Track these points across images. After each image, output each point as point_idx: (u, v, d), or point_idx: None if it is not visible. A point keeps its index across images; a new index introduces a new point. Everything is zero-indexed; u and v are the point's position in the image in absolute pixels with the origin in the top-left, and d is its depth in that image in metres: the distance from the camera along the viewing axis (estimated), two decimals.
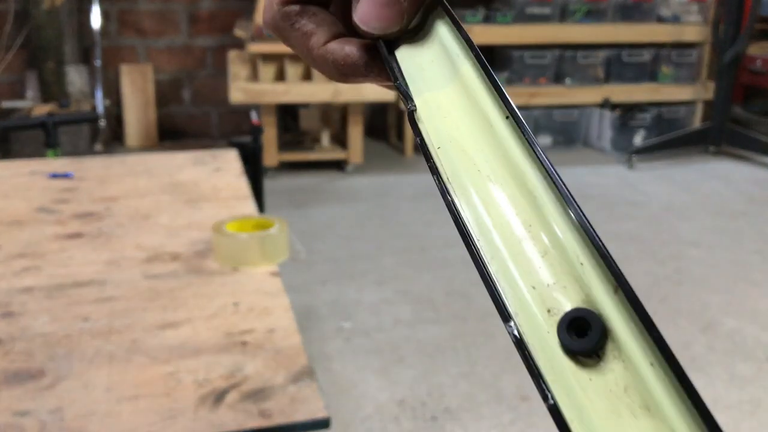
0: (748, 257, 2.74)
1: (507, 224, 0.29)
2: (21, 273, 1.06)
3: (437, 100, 0.34)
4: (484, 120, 0.32)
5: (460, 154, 0.31)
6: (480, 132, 0.31)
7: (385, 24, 0.34)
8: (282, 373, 0.80)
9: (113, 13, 4.05)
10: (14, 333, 0.89)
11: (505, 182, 0.29)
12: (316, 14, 0.36)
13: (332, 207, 3.25)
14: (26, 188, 1.45)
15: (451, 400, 1.82)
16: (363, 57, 0.35)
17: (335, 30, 0.36)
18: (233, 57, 3.56)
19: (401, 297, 2.36)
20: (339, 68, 0.35)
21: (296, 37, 0.36)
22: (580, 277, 0.26)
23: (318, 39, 0.35)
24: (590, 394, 0.25)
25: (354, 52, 0.35)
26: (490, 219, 0.29)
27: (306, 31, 0.36)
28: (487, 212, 0.30)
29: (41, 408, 0.74)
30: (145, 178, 1.51)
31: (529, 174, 0.29)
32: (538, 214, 0.28)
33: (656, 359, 0.23)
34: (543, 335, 0.27)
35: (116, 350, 0.85)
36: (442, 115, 0.33)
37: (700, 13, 4.25)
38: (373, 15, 0.33)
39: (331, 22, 0.36)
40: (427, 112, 0.33)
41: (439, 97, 0.34)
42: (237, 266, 1.07)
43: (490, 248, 0.29)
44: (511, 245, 0.28)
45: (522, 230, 0.28)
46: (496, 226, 0.29)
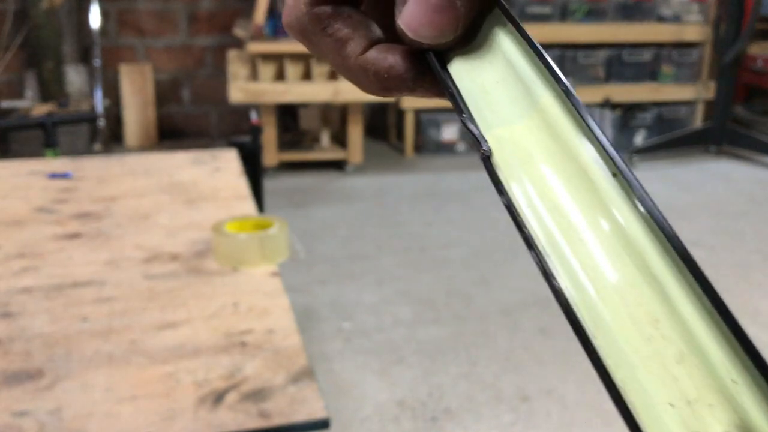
0: (749, 257, 2.74)
1: (630, 320, 0.23)
2: (20, 273, 1.05)
3: (513, 139, 0.27)
4: (582, 175, 0.25)
5: (556, 216, 0.25)
6: (578, 189, 0.25)
7: (437, 32, 0.28)
8: (282, 373, 0.80)
9: (112, 13, 4.05)
10: (13, 333, 0.89)
11: (622, 263, 0.23)
12: (351, 17, 0.31)
13: (332, 207, 3.25)
14: (25, 188, 1.45)
15: (451, 401, 1.81)
16: (410, 69, 0.30)
17: (374, 35, 0.31)
18: (233, 57, 3.56)
19: (401, 297, 2.36)
20: (381, 81, 0.30)
21: (328, 44, 0.31)
22: (732, 396, 0.21)
23: (355, 47, 0.30)
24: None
25: (399, 63, 0.30)
26: (609, 313, 0.23)
27: (340, 37, 0.30)
28: (603, 302, 0.23)
29: (40, 408, 0.74)
30: (145, 178, 1.51)
31: (654, 259, 0.23)
32: (669, 310, 0.22)
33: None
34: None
35: (115, 350, 0.85)
36: (523, 159, 0.27)
37: (701, 13, 4.25)
38: (423, 21, 0.28)
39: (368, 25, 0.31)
40: (502, 154, 0.27)
41: (515, 134, 0.28)
42: (236, 266, 1.06)
43: (614, 351, 0.23)
44: (638, 348, 0.22)
45: (650, 329, 0.22)
46: (616, 322, 0.23)
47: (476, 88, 0.29)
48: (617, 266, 0.23)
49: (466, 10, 0.28)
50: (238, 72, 3.54)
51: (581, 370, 1.93)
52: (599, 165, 0.25)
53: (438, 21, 0.28)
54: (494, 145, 0.28)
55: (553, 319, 2.20)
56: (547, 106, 0.27)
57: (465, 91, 0.29)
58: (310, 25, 0.31)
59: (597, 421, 1.74)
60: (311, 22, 0.31)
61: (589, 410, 1.78)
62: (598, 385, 0.94)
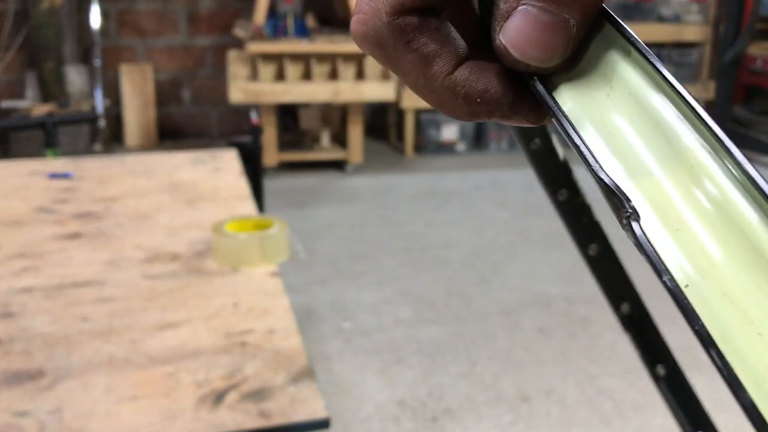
0: None
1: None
2: (20, 273, 1.06)
3: (653, 196, 0.23)
4: (748, 246, 0.21)
5: (723, 300, 0.21)
6: (745, 266, 0.21)
7: (548, 54, 0.25)
8: (282, 373, 0.80)
9: (113, 13, 4.05)
10: (13, 333, 0.89)
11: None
12: (439, 29, 0.26)
13: (332, 207, 3.25)
14: (26, 188, 1.45)
15: (451, 401, 1.81)
16: (508, 92, 0.26)
17: (463, 52, 0.27)
18: (233, 57, 3.56)
19: (401, 297, 2.36)
20: (472, 105, 0.27)
21: (411, 61, 0.26)
22: None
23: (443, 65, 0.26)
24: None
25: (495, 86, 0.26)
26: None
27: (427, 53, 0.26)
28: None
29: (40, 408, 0.74)
30: (145, 178, 1.51)
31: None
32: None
33: None
34: None
35: (116, 350, 0.85)
36: (669, 223, 0.22)
37: (701, 13, 4.25)
38: (532, 40, 0.25)
39: (456, 40, 0.27)
40: (646, 216, 0.22)
41: (654, 189, 0.23)
42: (237, 266, 1.06)
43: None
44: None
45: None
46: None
47: (595, 127, 0.24)
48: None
49: (579, 29, 0.25)
50: (238, 72, 3.54)
51: (581, 370, 1.93)
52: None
53: (549, 41, 0.25)
54: (638, 204, 0.22)
55: (553, 319, 2.21)
56: (697, 161, 0.22)
57: (583, 130, 0.24)
58: (391, 37, 0.26)
59: (597, 421, 1.74)
60: (393, 34, 0.26)
61: (589, 410, 1.78)
62: (598, 385, 0.95)
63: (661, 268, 0.21)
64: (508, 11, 0.25)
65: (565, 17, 0.24)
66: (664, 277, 0.21)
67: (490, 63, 0.27)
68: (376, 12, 0.26)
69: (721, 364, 0.20)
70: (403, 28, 0.26)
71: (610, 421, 1.74)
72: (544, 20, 0.24)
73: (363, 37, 0.27)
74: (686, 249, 0.21)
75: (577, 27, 0.25)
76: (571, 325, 2.17)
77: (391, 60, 0.27)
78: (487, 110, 0.27)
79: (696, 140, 0.22)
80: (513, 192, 3.45)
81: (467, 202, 3.31)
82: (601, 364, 1.95)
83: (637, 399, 1.81)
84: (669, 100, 0.23)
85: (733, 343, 0.20)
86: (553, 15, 0.24)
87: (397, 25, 0.26)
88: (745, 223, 0.21)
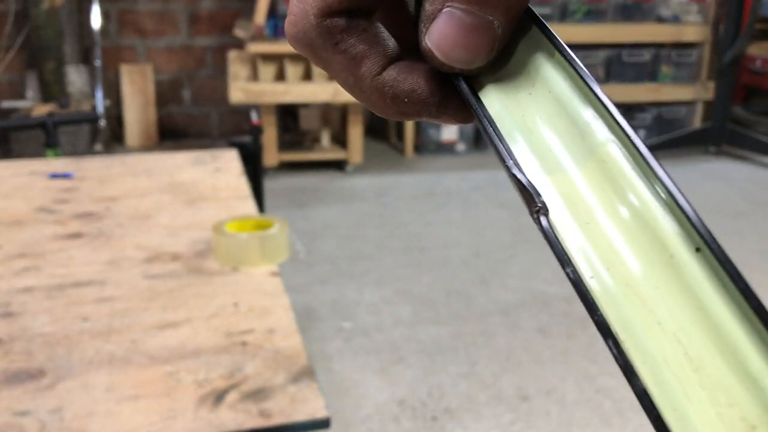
0: (749, 257, 2.74)
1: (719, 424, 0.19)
2: (21, 273, 1.06)
3: (566, 191, 0.23)
4: (654, 241, 0.22)
5: (625, 291, 0.21)
6: (649, 259, 0.21)
7: (472, 55, 0.25)
8: (282, 373, 0.80)
9: (113, 13, 4.05)
10: (14, 333, 0.89)
11: (706, 350, 0.20)
12: (367, 30, 0.27)
13: (332, 207, 3.25)
14: (26, 188, 1.45)
15: (451, 401, 1.82)
16: (435, 92, 0.27)
17: (392, 53, 0.27)
18: (233, 57, 3.56)
19: (401, 297, 2.36)
20: (400, 106, 0.27)
21: (340, 62, 0.27)
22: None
23: (371, 66, 0.27)
24: None
25: (422, 87, 0.27)
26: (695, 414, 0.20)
27: (355, 54, 0.26)
28: (687, 397, 0.20)
29: (41, 408, 0.74)
30: (145, 178, 1.51)
31: (749, 354, 0.19)
32: (765, 411, 0.19)
33: None
34: None
35: (116, 350, 0.85)
36: (579, 217, 0.23)
37: (700, 13, 4.25)
38: (456, 42, 0.25)
39: (385, 41, 0.27)
40: (559, 211, 0.23)
41: (566, 185, 0.23)
42: (237, 266, 1.06)
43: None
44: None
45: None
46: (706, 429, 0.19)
47: (517, 125, 0.25)
48: (705, 361, 0.20)
49: (504, 31, 0.25)
50: (238, 72, 3.54)
51: (581, 370, 1.93)
52: (676, 233, 0.21)
53: (473, 43, 0.25)
54: (548, 199, 0.23)
55: (552, 319, 2.21)
56: (608, 156, 0.23)
57: (503, 128, 0.25)
58: (319, 39, 0.26)
59: (596, 421, 1.74)
60: (321, 36, 0.26)
61: (589, 410, 1.78)
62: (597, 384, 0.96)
63: (564, 261, 0.22)
64: (433, 13, 0.25)
65: (489, 19, 0.24)
66: (566, 269, 0.22)
67: (420, 63, 0.27)
68: (305, 14, 0.26)
69: (616, 352, 0.21)
70: (330, 29, 0.26)
71: (609, 420, 1.74)
72: (469, 22, 0.24)
73: (293, 38, 0.27)
74: (594, 242, 0.22)
75: (502, 29, 0.25)
76: (571, 324, 2.17)
77: (322, 60, 0.27)
78: (415, 110, 0.27)
79: (608, 137, 0.23)
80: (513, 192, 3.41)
81: (467, 202, 3.32)
82: (601, 363, 1.96)
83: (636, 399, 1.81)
84: (586, 99, 0.24)
85: (633, 333, 0.21)
86: (478, 17, 0.24)
87: (325, 26, 0.26)
88: (651, 217, 0.22)
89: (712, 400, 0.19)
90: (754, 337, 0.19)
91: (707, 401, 0.19)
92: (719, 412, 0.19)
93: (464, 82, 0.26)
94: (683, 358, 0.20)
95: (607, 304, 0.21)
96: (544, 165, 0.24)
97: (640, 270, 0.21)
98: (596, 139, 0.23)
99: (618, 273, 0.22)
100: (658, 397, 0.20)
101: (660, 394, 0.20)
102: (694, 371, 0.20)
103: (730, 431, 0.19)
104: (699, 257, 0.21)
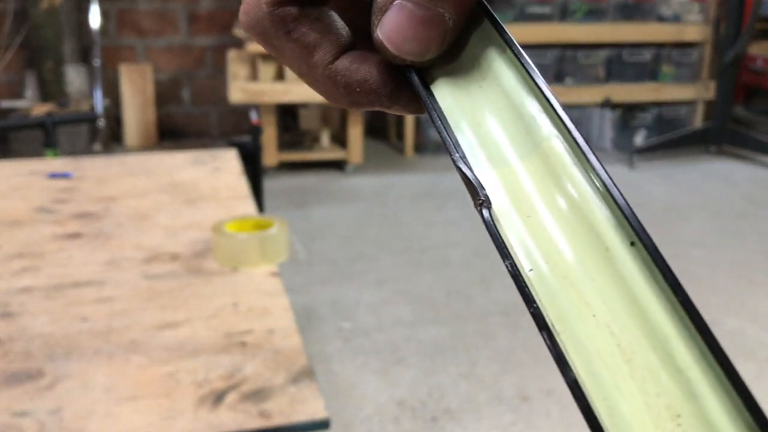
0: (750, 257, 2.74)
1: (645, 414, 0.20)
2: (20, 273, 1.05)
3: (510, 184, 0.24)
4: (592, 234, 0.22)
5: (563, 283, 0.22)
6: (587, 252, 0.22)
7: (423, 48, 0.25)
8: (282, 373, 0.80)
9: (112, 13, 4.05)
10: (13, 333, 0.88)
11: (637, 342, 0.21)
12: (319, 19, 0.27)
13: (332, 207, 3.25)
14: (25, 188, 1.45)
15: (451, 401, 1.81)
16: (386, 82, 0.27)
17: (345, 42, 0.27)
18: (233, 56, 3.56)
19: (401, 297, 2.36)
20: (352, 95, 0.27)
21: (293, 50, 0.27)
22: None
23: (323, 55, 0.27)
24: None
25: (374, 77, 0.27)
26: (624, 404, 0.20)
27: (307, 43, 0.27)
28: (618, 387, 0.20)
29: (40, 408, 0.74)
30: (145, 178, 1.51)
31: (677, 345, 0.20)
32: (689, 401, 0.20)
33: None
34: None
35: (115, 350, 0.85)
36: (522, 210, 0.23)
37: (701, 13, 4.25)
38: (407, 34, 0.24)
39: (338, 30, 0.27)
40: (498, 202, 0.24)
41: (511, 178, 0.24)
42: (236, 266, 1.06)
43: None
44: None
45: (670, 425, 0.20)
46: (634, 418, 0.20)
47: (466, 118, 0.25)
48: (636, 353, 0.21)
49: (455, 24, 0.25)
50: (238, 72, 3.54)
51: None
52: (612, 228, 0.22)
53: (424, 35, 0.25)
54: (492, 192, 0.24)
55: None
56: (551, 150, 0.23)
57: (453, 122, 0.25)
58: (272, 27, 0.26)
59: None
60: (274, 24, 0.26)
61: None
62: None
63: (503, 253, 0.23)
64: (385, 5, 0.25)
65: (440, 12, 0.24)
66: (506, 262, 0.23)
67: (374, 53, 0.26)
68: (257, 2, 0.26)
69: (549, 343, 0.21)
70: (282, 18, 0.26)
71: None
72: (420, 15, 0.24)
73: (247, 26, 0.27)
74: (535, 235, 0.23)
75: (453, 22, 0.25)
76: None
77: (275, 49, 0.27)
78: (368, 100, 0.27)
79: (552, 132, 0.24)
80: None
81: (467, 202, 3.30)
82: None
83: None
84: (532, 94, 0.24)
85: (569, 324, 0.21)
86: (428, 10, 0.24)
87: (277, 15, 0.26)
88: (589, 211, 0.22)
89: (641, 389, 0.20)
90: (682, 330, 0.20)
91: (636, 391, 0.20)
92: (647, 401, 0.20)
93: (415, 74, 0.26)
94: (616, 349, 0.21)
95: (544, 296, 0.22)
96: (490, 158, 0.24)
97: (578, 263, 0.22)
98: (541, 133, 0.24)
99: (556, 266, 0.22)
100: (590, 386, 0.20)
101: (591, 384, 0.20)
102: (625, 362, 0.20)
103: (657, 419, 0.20)
104: (633, 251, 0.21)
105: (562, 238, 0.22)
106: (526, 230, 0.23)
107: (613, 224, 0.22)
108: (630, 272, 0.21)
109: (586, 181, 0.23)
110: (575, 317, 0.21)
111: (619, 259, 0.21)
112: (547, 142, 0.24)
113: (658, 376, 0.20)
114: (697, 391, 0.20)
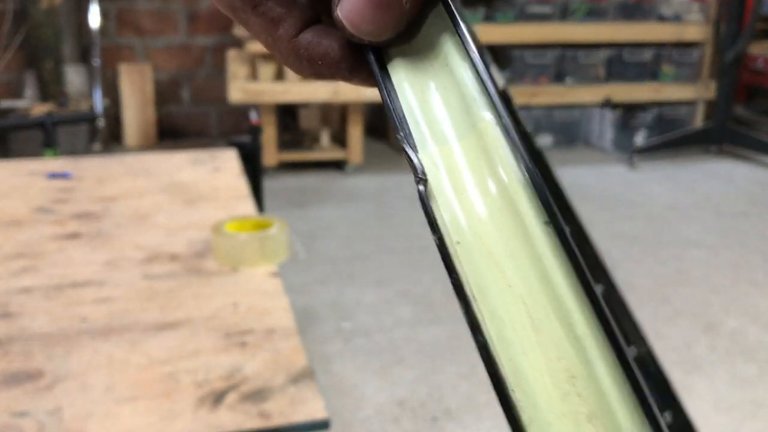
0: (750, 257, 2.74)
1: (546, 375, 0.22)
2: (19, 273, 1.05)
3: (448, 162, 0.25)
4: (515, 214, 0.24)
5: (487, 259, 0.24)
6: (509, 229, 0.24)
7: (380, 28, 0.26)
8: (281, 373, 0.80)
9: (112, 13, 4.05)
10: (12, 333, 0.88)
11: (544, 312, 0.23)
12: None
13: (332, 207, 3.24)
14: (24, 188, 1.44)
15: (451, 401, 1.81)
16: (346, 57, 0.28)
17: (308, 16, 0.29)
18: (232, 56, 3.56)
19: (401, 297, 2.35)
20: (315, 67, 0.29)
21: (259, 24, 0.29)
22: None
23: (287, 29, 0.28)
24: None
25: (335, 50, 0.28)
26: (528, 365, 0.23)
27: (272, 17, 0.28)
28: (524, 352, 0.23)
29: (40, 409, 0.74)
30: (144, 178, 1.51)
31: (577, 317, 0.22)
32: (583, 365, 0.22)
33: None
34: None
35: (115, 351, 0.85)
36: (456, 187, 0.25)
37: (702, 13, 4.25)
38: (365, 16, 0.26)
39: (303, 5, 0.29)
40: (436, 179, 0.25)
41: (449, 156, 0.25)
42: (236, 266, 1.06)
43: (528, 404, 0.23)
44: (553, 404, 0.22)
45: (566, 386, 0.22)
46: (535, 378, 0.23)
47: (416, 97, 0.27)
48: (543, 322, 0.23)
49: (411, 7, 0.26)
50: (237, 72, 3.54)
51: None
52: (530, 206, 0.23)
53: (381, 17, 0.26)
54: (428, 166, 0.25)
55: None
56: (486, 132, 0.25)
57: (404, 100, 0.27)
58: (239, 2, 0.28)
59: None
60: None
61: None
62: None
63: (433, 227, 0.25)
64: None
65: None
66: (434, 236, 0.25)
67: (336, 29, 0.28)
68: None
69: (464, 311, 0.24)
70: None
71: None
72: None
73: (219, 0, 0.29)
74: (465, 211, 0.25)
75: (410, 4, 0.26)
76: None
77: (243, 22, 0.29)
78: (329, 72, 0.29)
79: (487, 114, 0.25)
80: None
81: None
82: None
83: None
84: (475, 76, 0.26)
85: (486, 294, 0.24)
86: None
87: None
88: (514, 190, 0.24)
89: (544, 354, 0.23)
90: (582, 304, 0.22)
91: (541, 355, 0.23)
92: (548, 365, 0.22)
93: (372, 52, 0.28)
94: (527, 318, 0.23)
95: (468, 267, 0.24)
96: (433, 135, 0.26)
97: (501, 239, 0.24)
98: (478, 114, 0.25)
99: (481, 240, 0.24)
100: (499, 349, 0.23)
101: (500, 347, 0.23)
102: (534, 330, 0.23)
103: (556, 379, 0.22)
104: (547, 230, 0.23)
105: (489, 216, 0.24)
106: (459, 206, 0.25)
107: (534, 204, 0.23)
108: (543, 249, 0.23)
109: (515, 161, 0.24)
110: (494, 289, 0.24)
111: (535, 237, 0.23)
112: (483, 123, 0.25)
113: (560, 344, 0.22)
114: (590, 357, 0.22)
